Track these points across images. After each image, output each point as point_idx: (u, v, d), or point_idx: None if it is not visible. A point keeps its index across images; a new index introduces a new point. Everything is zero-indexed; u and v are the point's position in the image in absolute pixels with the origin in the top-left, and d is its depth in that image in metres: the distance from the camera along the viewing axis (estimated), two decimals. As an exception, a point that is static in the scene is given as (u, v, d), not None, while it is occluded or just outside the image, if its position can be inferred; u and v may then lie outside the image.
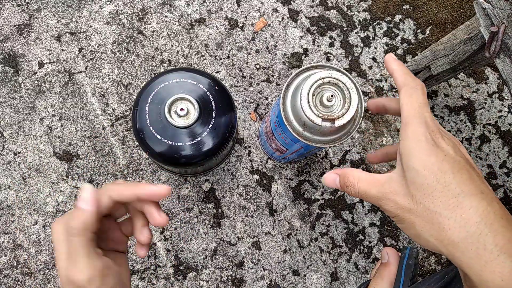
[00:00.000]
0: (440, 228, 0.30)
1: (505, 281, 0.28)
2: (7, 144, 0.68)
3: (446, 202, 0.30)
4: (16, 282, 0.64)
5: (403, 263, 0.54)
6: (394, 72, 0.37)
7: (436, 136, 0.32)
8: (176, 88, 0.52)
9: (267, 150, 0.67)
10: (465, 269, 0.30)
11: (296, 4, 0.76)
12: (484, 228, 0.29)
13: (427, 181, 0.31)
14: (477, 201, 0.30)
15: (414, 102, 0.34)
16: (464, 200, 0.30)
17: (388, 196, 0.33)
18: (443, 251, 0.31)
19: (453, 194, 0.30)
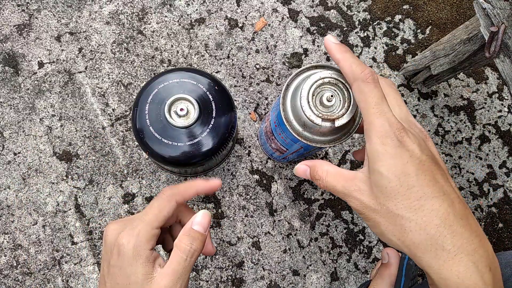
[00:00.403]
0: (402, 230, 0.31)
1: (461, 278, 0.30)
2: (7, 144, 0.68)
3: (408, 205, 0.31)
4: (16, 282, 0.64)
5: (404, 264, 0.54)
6: (339, 63, 0.36)
7: (401, 135, 0.32)
8: (176, 88, 0.52)
9: (267, 150, 0.67)
10: (425, 268, 0.32)
11: (296, 4, 0.76)
12: (444, 230, 0.30)
13: (390, 185, 0.31)
14: (438, 203, 0.31)
15: (370, 99, 0.33)
16: (426, 203, 0.31)
17: (354, 194, 0.34)
18: (405, 250, 0.32)
19: (416, 197, 0.31)
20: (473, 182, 0.73)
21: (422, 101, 0.75)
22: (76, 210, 0.67)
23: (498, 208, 0.73)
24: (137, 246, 0.35)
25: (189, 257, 0.36)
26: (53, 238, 0.66)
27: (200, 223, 0.37)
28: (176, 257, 0.36)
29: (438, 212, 0.30)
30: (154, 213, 0.37)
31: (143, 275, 0.35)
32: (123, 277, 0.36)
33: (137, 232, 0.36)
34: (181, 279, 0.35)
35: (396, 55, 0.76)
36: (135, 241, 0.35)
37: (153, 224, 0.36)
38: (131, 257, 0.35)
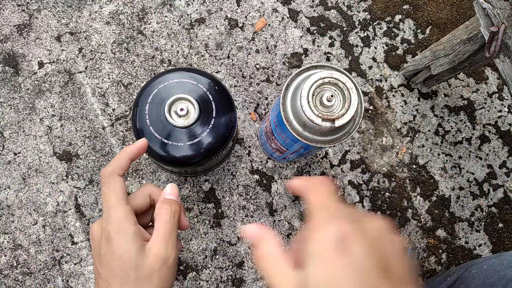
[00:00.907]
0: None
1: None
2: (7, 144, 0.68)
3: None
4: (16, 282, 0.64)
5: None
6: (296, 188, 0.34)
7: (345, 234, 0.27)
8: (176, 88, 0.52)
9: (267, 150, 0.67)
10: None
11: (296, 4, 0.76)
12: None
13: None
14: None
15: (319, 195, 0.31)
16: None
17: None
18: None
19: None
20: (473, 182, 0.73)
21: (422, 101, 0.75)
22: (76, 210, 0.67)
23: (498, 208, 0.73)
24: (120, 226, 0.37)
25: (172, 217, 0.39)
26: (53, 238, 0.66)
27: (171, 193, 0.41)
28: (160, 221, 0.39)
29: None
30: (112, 195, 0.39)
31: (136, 249, 0.37)
32: (116, 259, 0.37)
33: (113, 215, 0.38)
34: (170, 239, 0.38)
35: (396, 55, 0.76)
36: (116, 223, 0.38)
37: (120, 202, 0.39)
38: (119, 238, 0.37)
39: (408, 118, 0.74)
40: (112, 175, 0.40)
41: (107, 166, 0.41)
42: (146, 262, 0.37)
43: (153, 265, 0.37)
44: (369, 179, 0.72)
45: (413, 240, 0.71)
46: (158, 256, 0.37)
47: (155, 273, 0.37)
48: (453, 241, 0.71)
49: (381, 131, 0.73)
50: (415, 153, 0.73)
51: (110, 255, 0.37)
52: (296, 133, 0.45)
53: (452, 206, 0.72)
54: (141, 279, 0.37)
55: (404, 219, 0.71)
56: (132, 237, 0.37)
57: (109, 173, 0.40)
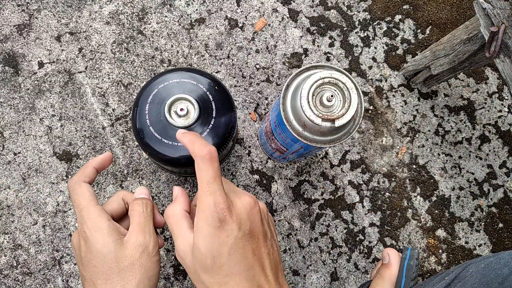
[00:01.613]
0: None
1: None
2: (7, 144, 0.68)
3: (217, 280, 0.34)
4: (16, 282, 0.64)
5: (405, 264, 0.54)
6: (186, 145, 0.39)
7: (223, 215, 0.34)
8: (176, 88, 0.52)
9: (267, 150, 0.67)
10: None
11: (296, 4, 0.76)
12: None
13: (206, 261, 0.34)
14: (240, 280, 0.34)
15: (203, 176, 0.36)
16: (230, 280, 0.34)
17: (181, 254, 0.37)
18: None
19: (224, 274, 0.34)
20: (473, 182, 0.73)
21: (422, 101, 0.75)
22: (76, 210, 0.67)
23: (498, 208, 0.73)
24: (94, 223, 0.39)
25: (144, 208, 0.41)
26: (53, 238, 0.66)
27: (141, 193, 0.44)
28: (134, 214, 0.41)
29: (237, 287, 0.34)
30: (81, 199, 0.41)
31: (113, 242, 0.38)
32: (97, 256, 0.38)
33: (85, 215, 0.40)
34: (146, 226, 0.40)
35: (396, 55, 0.76)
36: (90, 221, 0.39)
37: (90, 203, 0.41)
38: (95, 234, 0.38)
39: (408, 118, 0.74)
40: (78, 183, 0.42)
41: (73, 176, 0.43)
42: (126, 253, 0.38)
43: (133, 254, 0.38)
44: (369, 179, 0.72)
45: (413, 240, 0.71)
46: (136, 244, 0.38)
47: (137, 262, 0.38)
48: (453, 241, 0.71)
49: (381, 131, 0.73)
50: (415, 153, 0.73)
51: (90, 253, 0.38)
52: (296, 133, 0.45)
53: (452, 206, 0.72)
54: (123, 270, 0.38)
55: (404, 219, 0.71)
56: (107, 231, 0.39)
57: (75, 182, 0.42)
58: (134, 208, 0.42)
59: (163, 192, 0.68)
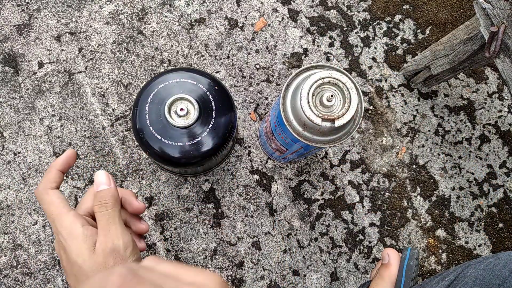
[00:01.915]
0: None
1: None
2: (7, 144, 0.68)
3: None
4: (16, 282, 0.64)
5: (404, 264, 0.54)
6: None
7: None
8: (176, 88, 0.52)
9: (267, 150, 0.67)
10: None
11: (296, 4, 0.76)
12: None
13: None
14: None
15: None
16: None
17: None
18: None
19: None
20: (473, 182, 0.73)
21: (422, 101, 0.75)
22: (76, 210, 0.67)
23: (498, 208, 0.73)
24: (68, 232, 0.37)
25: (104, 210, 0.39)
26: (53, 238, 0.66)
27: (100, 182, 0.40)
28: (97, 216, 0.39)
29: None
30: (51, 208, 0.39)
31: (87, 249, 0.36)
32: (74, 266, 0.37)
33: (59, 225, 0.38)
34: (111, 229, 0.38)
35: (396, 55, 0.76)
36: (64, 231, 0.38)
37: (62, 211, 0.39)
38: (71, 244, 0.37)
39: (408, 118, 0.74)
40: (44, 191, 0.40)
41: (38, 185, 0.41)
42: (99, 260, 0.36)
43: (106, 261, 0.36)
44: (369, 179, 0.72)
45: (413, 240, 0.71)
46: (105, 251, 0.36)
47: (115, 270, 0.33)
48: (453, 241, 0.71)
49: (381, 131, 0.73)
50: (415, 153, 0.73)
51: (68, 263, 0.37)
52: (296, 133, 0.45)
53: (452, 206, 0.72)
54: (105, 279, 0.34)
55: (404, 219, 0.71)
56: (81, 239, 0.37)
57: (41, 191, 0.40)
58: (95, 212, 0.39)
59: (163, 192, 0.68)
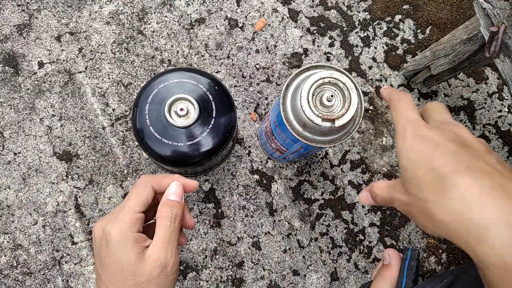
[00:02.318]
0: (429, 215, 0.31)
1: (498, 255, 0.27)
2: (7, 144, 0.68)
3: (432, 188, 0.31)
4: (16, 282, 0.64)
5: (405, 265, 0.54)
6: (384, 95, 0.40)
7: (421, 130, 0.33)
8: (176, 88, 0.52)
9: (267, 150, 0.67)
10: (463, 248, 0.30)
11: (296, 4, 0.76)
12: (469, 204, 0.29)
13: (414, 174, 0.32)
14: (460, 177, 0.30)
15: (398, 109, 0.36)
16: (447, 181, 0.30)
17: (395, 196, 0.35)
18: (442, 234, 0.31)
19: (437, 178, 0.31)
20: (473, 182, 0.73)
21: (422, 101, 0.75)
22: (76, 210, 0.67)
23: (498, 208, 0.73)
24: (122, 230, 0.37)
25: (172, 222, 0.38)
26: (53, 238, 0.66)
27: (174, 193, 0.40)
28: (161, 225, 0.38)
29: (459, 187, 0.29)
30: (133, 199, 0.39)
31: (135, 255, 0.37)
32: (115, 263, 0.37)
33: (121, 218, 0.38)
34: (170, 244, 0.38)
35: (396, 55, 0.76)
36: (120, 227, 0.37)
37: (135, 209, 0.38)
38: (119, 242, 0.37)
39: (408, 118, 0.74)
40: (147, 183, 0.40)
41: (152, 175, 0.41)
42: (145, 269, 0.37)
43: (152, 271, 0.37)
44: (369, 179, 0.72)
45: (413, 240, 0.71)
46: (156, 263, 0.37)
47: (153, 280, 0.37)
48: (453, 241, 0.71)
49: (381, 131, 0.73)
50: (415, 153, 0.73)
51: (109, 257, 0.37)
52: (296, 133, 0.45)
53: (452, 206, 0.72)
54: (139, 285, 0.36)
55: (404, 219, 0.71)
56: (132, 242, 0.37)
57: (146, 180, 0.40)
58: (162, 218, 0.39)
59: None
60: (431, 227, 0.32)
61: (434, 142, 0.32)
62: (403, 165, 0.33)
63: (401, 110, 0.36)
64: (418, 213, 0.32)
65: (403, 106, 0.36)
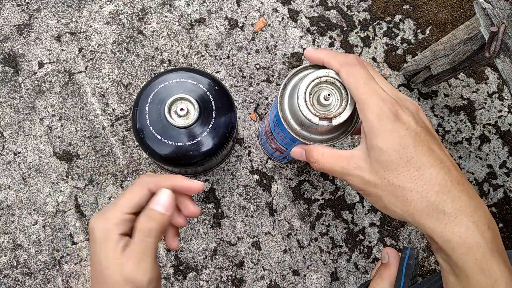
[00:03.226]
0: (404, 200, 0.33)
1: (462, 238, 0.32)
2: (7, 144, 0.68)
3: (408, 176, 0.33)
4: (16, 282, 0.64)
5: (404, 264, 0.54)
6: (324, 60, 0.38)
7: (395, 109, 0.33)
8: (176, 88, 0.52)
9: (267, 150, 0.67)
10: (429, 233, 0.33)
11: (296, 4, 0.76)
12: (443, 195, 0.32)
13: (390, 158, 0.33)
14: (436, 171, 0.33)
15: (359, 80, 0.35)
16: (425, 172, 0.33)
17: (353, 172, 0.35)
18: (409, 220, 0.34)
19: (415, 167, 0.33)
20: (473, 182, 0.73)
21: (422, 101, 0.75)
22: (76, 210, 0.67)
23: (498, 208, 0.73)
24: (106, 230, 0.35)
25: (145, 237, 0.35)
26: (53, 238, 0.66)
27: (160, 203, 0.36)
28: (135, 238, 0.35)
29: (436, 179, 0.32)
30: (125, 198, 0.36)
31: (113, 259, 0.34)
32: (97, 263, 0.35)
33: (107, 216, 0.35)
34: (144, 260, 0.34)
35: (396, 55, 0.76)
36: (104, 225, 0.35)
37: (123, 209, 0.36)
38: (102, 242, 0.35)
39: (408, 118, 0.74)
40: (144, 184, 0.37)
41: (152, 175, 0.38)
42: (114, 279, 0.34)
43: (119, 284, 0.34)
44: (369, 179, 0.72)
45: (413, 240, 0.71)
46: (126, 277, 0.34)
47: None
48: (453, 241, 0.71)
49: (381, 131, 0.73)
50: (415, 153, 0.73)
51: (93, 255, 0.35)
52: (294, 133, 0.45)
53: (452, 206, 0.72)
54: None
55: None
56: (113, 245, 0.34)
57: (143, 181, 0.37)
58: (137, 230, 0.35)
59: (163, 192, 0.68)
60: (400, 211, 0.34)
61: (412, 129, 0.33)
62: (379, 146, 0.33)
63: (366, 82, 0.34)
64: (389, 196, 0.34)
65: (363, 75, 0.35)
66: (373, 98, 0.34)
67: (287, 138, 0.49)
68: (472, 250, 0.32)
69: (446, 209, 0.32)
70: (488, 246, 0.32)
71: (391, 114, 0.33)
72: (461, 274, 0.32)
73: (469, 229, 0.32)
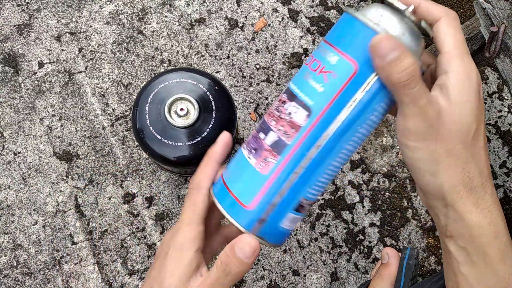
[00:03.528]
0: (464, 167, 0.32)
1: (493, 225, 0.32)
2: (7, 144, 0.68)
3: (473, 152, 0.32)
4: (16, 282, 0.64)
5: (404, 264, 0.54)
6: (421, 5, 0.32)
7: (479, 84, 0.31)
8: (176, 88, 0.52)
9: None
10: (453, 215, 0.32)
11: (296, 4, 0.76)
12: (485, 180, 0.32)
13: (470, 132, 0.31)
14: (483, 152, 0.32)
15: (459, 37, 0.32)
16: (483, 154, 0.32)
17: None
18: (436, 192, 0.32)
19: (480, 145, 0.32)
20: (473, 182, 0.73)
21: (422, 101, 0.75)
22: (76, 210, 0.67)
23: (498, 208, 0.73)
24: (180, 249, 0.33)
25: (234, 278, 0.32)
26: (53, 238, 0.66)
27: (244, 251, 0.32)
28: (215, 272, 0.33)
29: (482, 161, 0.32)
30: (190, 210, 0.34)
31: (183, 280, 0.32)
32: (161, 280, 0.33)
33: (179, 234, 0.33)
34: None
35: (396, 55, 0.76)
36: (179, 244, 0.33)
37: (192, 220, 0.33)
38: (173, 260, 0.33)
39: (408, 118, 0.74)
40: (198, 187, 0.34)
41: (195, 174, 0.35)
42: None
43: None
44: (369, 179, 0.72)
45: (413, 240, 0.71)
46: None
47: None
48: (453, 241, 0.71)
49: (381, 131, 0.73)
50: (415, 153, 0.73)
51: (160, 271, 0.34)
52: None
53: (452, 206, 0.72)
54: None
55: (404, 219, 0.71)
56: (185, 266, 0.33)
57: (196, 184, 0.34)
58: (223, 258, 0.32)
59: (163, 192, 0.68)
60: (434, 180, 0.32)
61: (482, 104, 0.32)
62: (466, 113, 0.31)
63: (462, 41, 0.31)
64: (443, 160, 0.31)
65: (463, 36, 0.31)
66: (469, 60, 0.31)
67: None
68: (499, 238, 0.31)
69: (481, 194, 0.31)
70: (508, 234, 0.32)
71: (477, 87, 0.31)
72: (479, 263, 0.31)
73: (498, 216, 0.31)
